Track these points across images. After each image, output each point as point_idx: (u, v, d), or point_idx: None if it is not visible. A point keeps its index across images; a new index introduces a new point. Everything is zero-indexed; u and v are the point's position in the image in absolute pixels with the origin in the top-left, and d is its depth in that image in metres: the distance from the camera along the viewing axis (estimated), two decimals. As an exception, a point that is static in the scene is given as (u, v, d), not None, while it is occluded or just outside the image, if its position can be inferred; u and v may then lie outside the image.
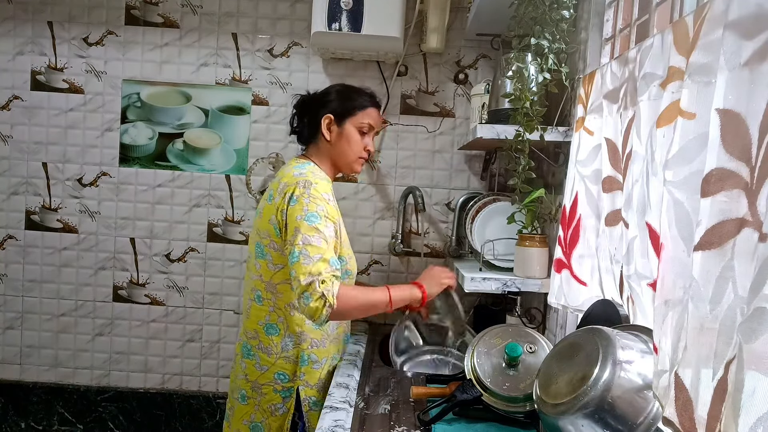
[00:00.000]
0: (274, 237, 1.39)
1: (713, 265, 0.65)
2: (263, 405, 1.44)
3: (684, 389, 0.70)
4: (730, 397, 0.59)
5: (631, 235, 0.98)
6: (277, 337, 1.43)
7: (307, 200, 1.34)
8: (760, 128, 0.60)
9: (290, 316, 1.42)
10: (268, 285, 1.43)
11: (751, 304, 0.56)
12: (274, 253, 1.40)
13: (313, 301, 1.24)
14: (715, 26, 0.69)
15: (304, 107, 1.56)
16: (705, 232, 0.66)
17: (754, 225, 0.60)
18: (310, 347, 1.43)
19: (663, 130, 0.85)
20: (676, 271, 0.77)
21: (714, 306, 0.65)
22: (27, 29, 2.13)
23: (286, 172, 1.44)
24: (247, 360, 1.45)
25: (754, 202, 0.60)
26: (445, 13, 1.97)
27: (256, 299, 1.45)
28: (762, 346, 0.55)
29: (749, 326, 0.56)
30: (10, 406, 2.21)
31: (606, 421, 0.82)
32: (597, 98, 1.19)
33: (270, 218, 1.39)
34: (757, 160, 0.60)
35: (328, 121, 1.49)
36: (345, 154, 1.51)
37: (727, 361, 0.61)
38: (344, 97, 1.52)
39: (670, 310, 0.76)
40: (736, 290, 0.62)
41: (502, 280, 1.48)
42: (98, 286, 2.19)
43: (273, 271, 1.41)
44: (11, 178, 2.17)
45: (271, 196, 1.42)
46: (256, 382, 1.44)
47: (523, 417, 1.16)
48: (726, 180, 0.64)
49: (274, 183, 1.45)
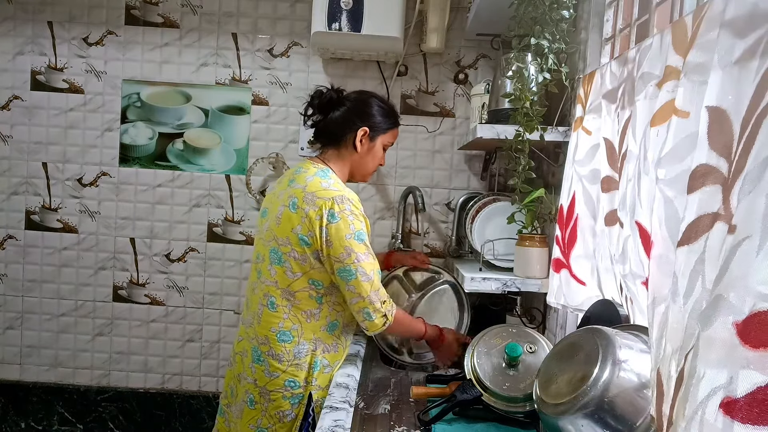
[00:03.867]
0: (296, 246, 1.37)
1: (689, 259, 0.65)
2: (270, 411, 1.43)
3: (661, 384, 0.70)
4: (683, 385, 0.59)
5: (625, 234, 0.98)
6: (290, 344, 1.41)
7: (351, 218, 1.36)
8: (742, 124, 0.60)
9: (306, 324, 1.41)
10: (284, 292, 1.41)
11: (713, 293, 0.56)
12: (294, 262, 1.38)
13: (378, 318, 1.39)
14: (713, 26, 0.69)
15: (330, 105, 1.50)
16: (686, 228, 0.66)
17: (725, 218, 0.60)
18: (323, 352, 1.43)
19: (657, 129, 0.85)
20: (664, 269, 0.77)
21: (686, 300, 0.65)
22: (27, 29, 2.13)
23: (311, 182, 1.39)
24: (257, 365, 1.43)
25: (728, 196, 0.60)
26: (445, 13, 1.97)
27: (269, 305, 1.42)
28: (714, 333, 0.55)
29: (706, 314, 0.56)
30: (10, 406, 2.21)
31: (606, 420, 0.82)
32: (596, 98, 1.19)
33: (295, 227, 1.37)
34: (735, 155, 0.60)
35: (364, 133, 1.48)
36: (366, 166, 1.54)
37: (687, 352, 0.61)
38: (385, 113, 1.52)
39: (657, 307, 0.76)
40: (704, 283, 0.62)
41: (502, 280, 1.48)
42: (98, 286, 2.19)
43: (291, 279, 1.39)
44: (11, 178, 2.17)
45: (295, 204, 1.38)
46: (264, 388, 1.42)
47: (523, 417, 1.16)
48: (708, 176, 0.64)
49: (298, 191, 1.39)
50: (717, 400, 0.54)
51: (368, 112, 1.50)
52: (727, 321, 0.54)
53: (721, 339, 0.55)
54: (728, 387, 0.53)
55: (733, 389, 0.53)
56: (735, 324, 0.53)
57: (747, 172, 0.56)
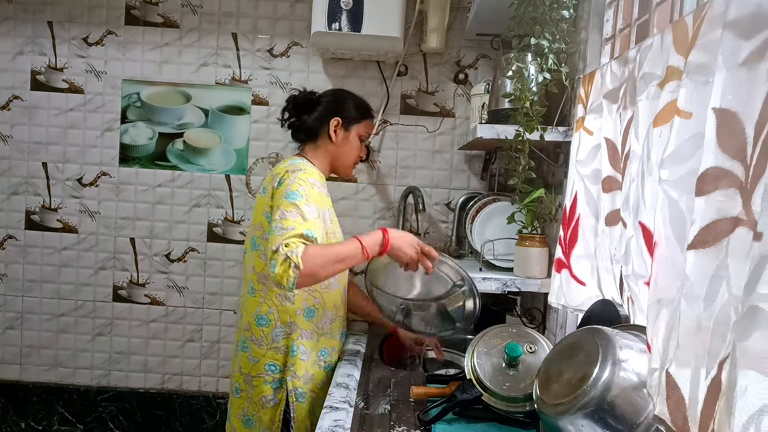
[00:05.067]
0: (266, 227, 1.41)
1: (707, 263, 0.65)
2: (254, 398, 1.45)
3: (676, 388, 0.70)
4: (724, 395, 0.59)
5: (629, 234, 0.98)
6: (267, 328, 1.45)
7: (291, 181, 1.38)
8: (756, 127, 0.60)
9: (282, 307, 1.44)
10: (260, 276, 1.45)
11: (746, 302, 0.56)
12: (265, 243, 1.41)
13: (278, 265, 1.20)
14: (715, 26, 0.69)
15: (305, 105, 1.58)
16: (699, 231, 0.66)
17: (748, 224, 0.60)
18: (300, 338, 1.45)
19: (659, 129, 0.85)
20: (669, 270, 0.77)
21: (708, 305, 0.65)
22: (27, 29, 2.13)
23: (280, 166, 1.48)
24: (241, 353, 1.48)
25: (748, 201, 0.60)
26: (445, 13, 1.97)
27: (250, 291, 1.48)
28: (754, 344, 0.55)
29: (743, 325, 0.56)
30: (10, 406, 2.21)
31: (606, 420, 0.82)
32: (597, 98, 1.19)
33: (263, 210, 1.43)
34: (752, 159, 0.60)
35: (337, 123, 1.54)
36: (346, 157, 1.58)
37: (720, 360, 0.61)
38: (356, 105, 1.58)
39: (663, 308, 0.76)
40: (730, 289, 0.62)
41: (502, 280, 1.48)
42: (98, 286, 2.19)
43: (264, 262, 1.44)
44: (11, 178, 2.17)
45: (264, 188, 1.47)
46: (248, 374, 1.46)
47: (523, 417, 1.16)
48: (721, 179, 0.64)
49: (268, 177, 1.49)
50: None
51: (340, 104, 1.57)
52: (767, 335, 0.54)
53: (764, 351, 0.54)
54: None
55: None
56: None
57: None
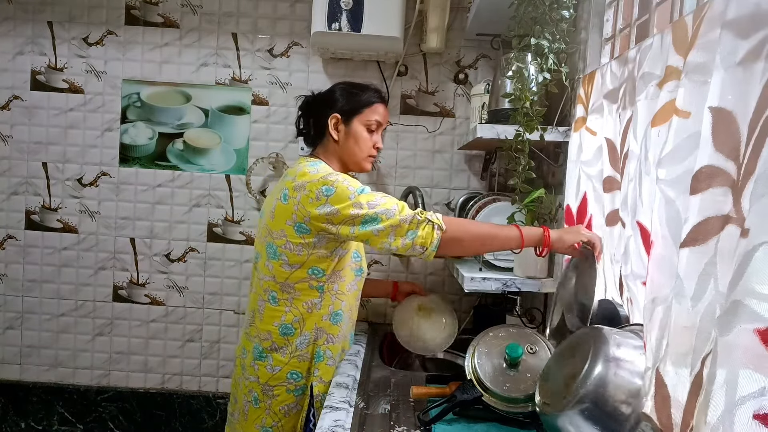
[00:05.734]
0: (292, 237, 1.36)
1: (696, 261, 0.65)
2: (274, 407, 1.43)
3: (663, 385, 0.70)
4: (704, 391, 0.59)
5: (627, 234, 0.98)
6: (293, 336, 1.42)
7: (346, 183, 1.32)
8: (749, 126, 0.60)
9: (308, 314, 1.42)
10: (283, 285, 1.41)
11: (729, 297, 0.56)
12: (289, 254, 1.38)
13: (421, 230, 1.25)
14: (714, 26, 0.69)
15: (308, 108, 1.53)
16: (691, 229, 0.66)
17: (737, 221, 0.60)
18: (326, 343, 1.43)
19: (657, 129, 0.85)
20: (664, 269, 0.77)
21: (695, 302, 0.65)
22: (27, 29, 2.13)
23: (301, 171, 1.39)
24: (259, 362, 1.44)
25: (738, 199, 0.60)
26: (445, 13, 1.96)
27: (270, 300, 1.43)
28: (735, 338, 0.55)
29: (725, 319, 0.56)
30: (10, 406, 2.21)
31: (599, 417, 0.81)
32: (598, 98, 1.19)
33: (287, 219, 1.36)
34: (744, 158, 0.60)
35: (335, 120, 1.47)
36: (354, 154, 1.49)
37: (703, 356, 0.61)
38: (350, 94, 1.49)
39: (657, 307, 0.76)
40: (717, 287, 0.62)
41: (502, 280, 1.48)
42: (98, 286, 2.19)
43: (289, 272, 1.40)
44: (11, 178, 2.17)
45: (286, 195, 1.37)
46: (266, 384, 1.43)
47: (524, 417, 1.16)
48: (714, 177, 0.64)
49: (288, 182, 1.40)
50: (749, 409, 0.53)
51: (333, 99, 1.50)
52: (748, 327, 0.53)
53: (743, 345, 0.54)
54: (760, 397, 0.52)
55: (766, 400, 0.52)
56: (757, 331, 0.53)
57: (758, 174, 0.56)
